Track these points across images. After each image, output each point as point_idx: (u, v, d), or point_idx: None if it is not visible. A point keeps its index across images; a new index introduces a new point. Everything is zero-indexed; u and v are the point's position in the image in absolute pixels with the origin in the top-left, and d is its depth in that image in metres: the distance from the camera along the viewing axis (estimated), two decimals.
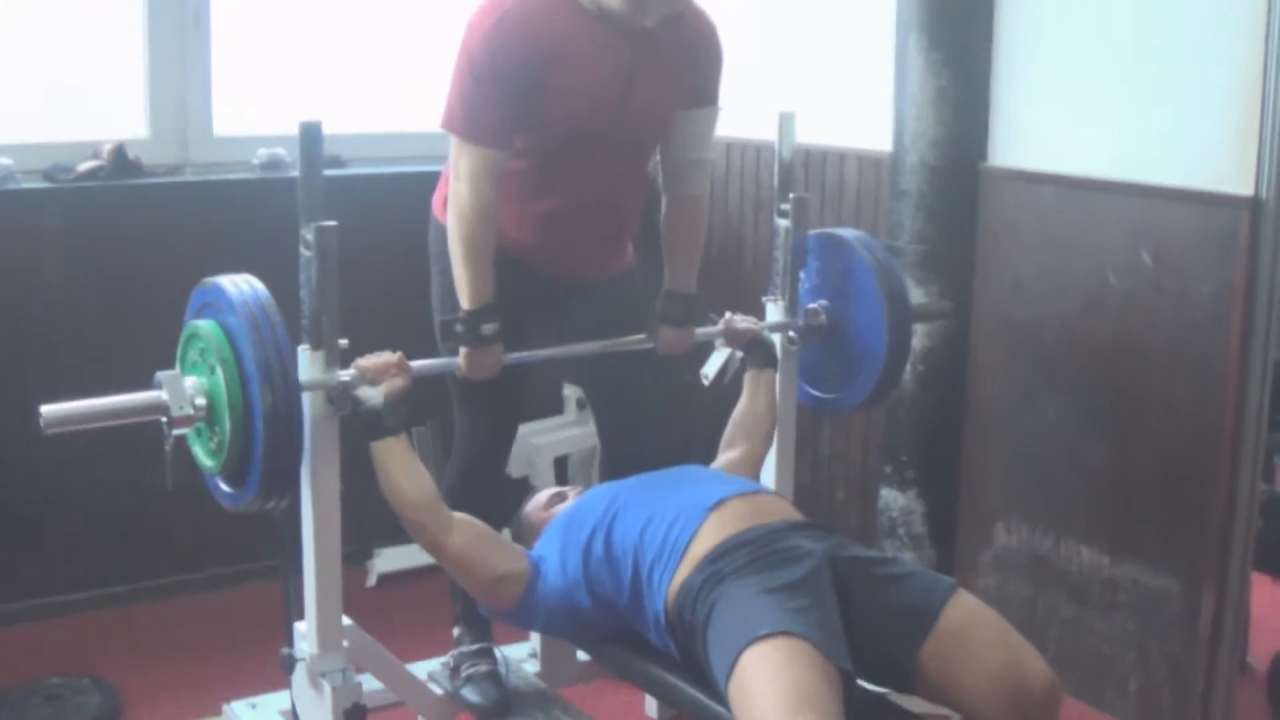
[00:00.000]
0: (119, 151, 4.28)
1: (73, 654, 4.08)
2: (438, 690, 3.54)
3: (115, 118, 4.48)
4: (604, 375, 3.65)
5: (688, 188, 3.52)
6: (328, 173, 2.98)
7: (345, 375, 2.96)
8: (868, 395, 3.57)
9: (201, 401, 2.78)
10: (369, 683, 3.25)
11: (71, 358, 4.24)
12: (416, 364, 3.09)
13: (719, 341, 3.59)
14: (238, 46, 4.59)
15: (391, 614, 4.19)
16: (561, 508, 3.30)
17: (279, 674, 3.22)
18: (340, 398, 2.94)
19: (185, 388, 2.78)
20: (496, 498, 3.57)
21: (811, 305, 3.61)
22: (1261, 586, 4.01)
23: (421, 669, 3.60)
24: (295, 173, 2.94)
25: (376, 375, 2.98)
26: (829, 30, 4.50)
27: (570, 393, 4.91)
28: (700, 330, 3.55)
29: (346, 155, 4.70)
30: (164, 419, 2.77)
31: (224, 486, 2.89)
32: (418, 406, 3.14)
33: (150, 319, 4.27)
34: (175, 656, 4.13)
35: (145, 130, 4.46)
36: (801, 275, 3.60)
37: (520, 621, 3.27)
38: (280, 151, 4.50)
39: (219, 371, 2.74)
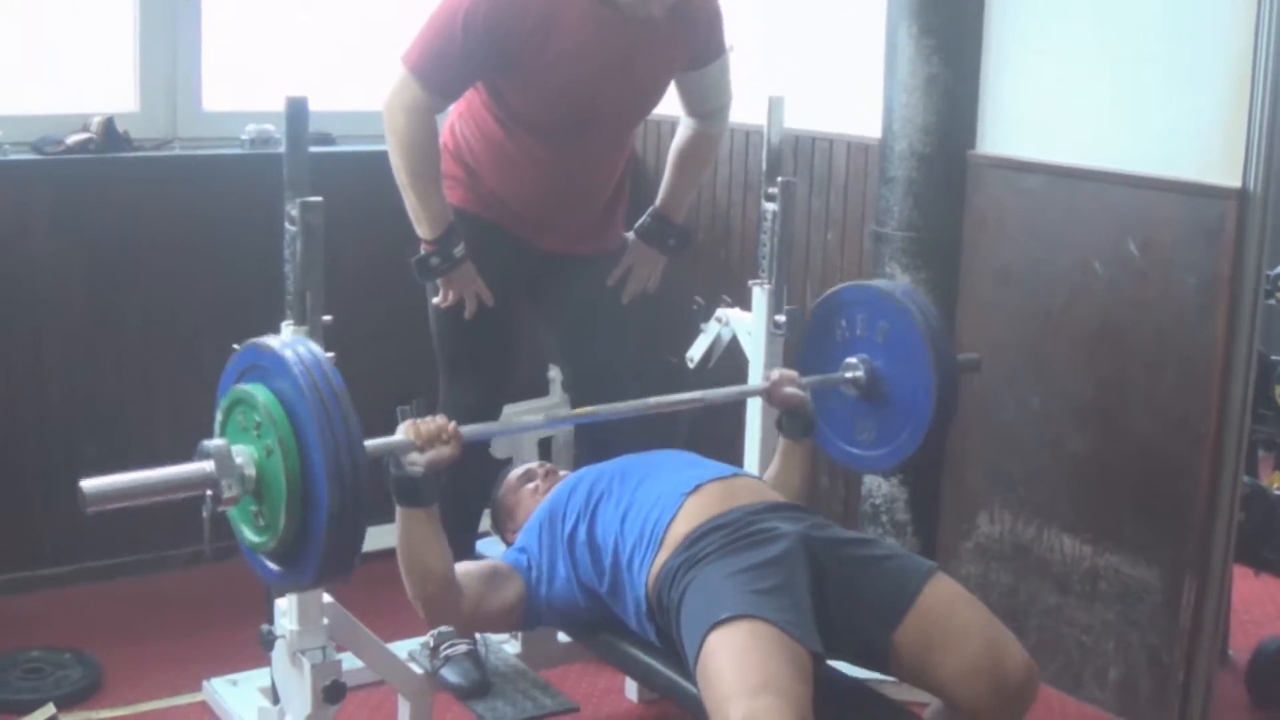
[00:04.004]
0: (108, 125, 4.26)
1: (54, 627, 4.07)
2: (418, 669, 3.54)
3: (104, 91, 4.46)
4: (582, 353, 3.66)
5: (707, 128, 3.67)
6: (316, 149, 2.98)
7: (395, 440, 2.78)
8: (914, 453, 3.39)
9: (251, 473, 2.46)
10: (349, 661, 3.25)
11: (57, 330, 4.24)
12: (467, 430, 2.89)
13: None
14: (229, 21, 4.58)
15: (373, 592, 4.15)
16: (533, 488, 3.32)
17: (260, 651, 3.21)
18: None
19: (236, 461, 2.45)
20: (479, 477, 3.58)
21: (849, 359, 3.45)
22: (1243, 579, 4.02)
23: (402, 648, 3.61)
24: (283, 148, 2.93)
25: (426, 442, 2.78)
26: (820, 16, 4.49)
27: (555, 375, 4.91)
28: (743, 389, 3.50)
29: (336, 132, 4.70)
30: (209, 493, 2.46)
31: (272, 565, 2.56)
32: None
33: (138, 291, 4.29)
34: (157, 631, 4.12)
35: (134, 104, 4.44)
36: (840, 326, 3.48)
37: (530, 628, 3.29)
38: (269, 127, 4.49)
39: (275, 448, 2.41)
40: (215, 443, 2.47)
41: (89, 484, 2.38)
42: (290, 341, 2.51)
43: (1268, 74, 3.32)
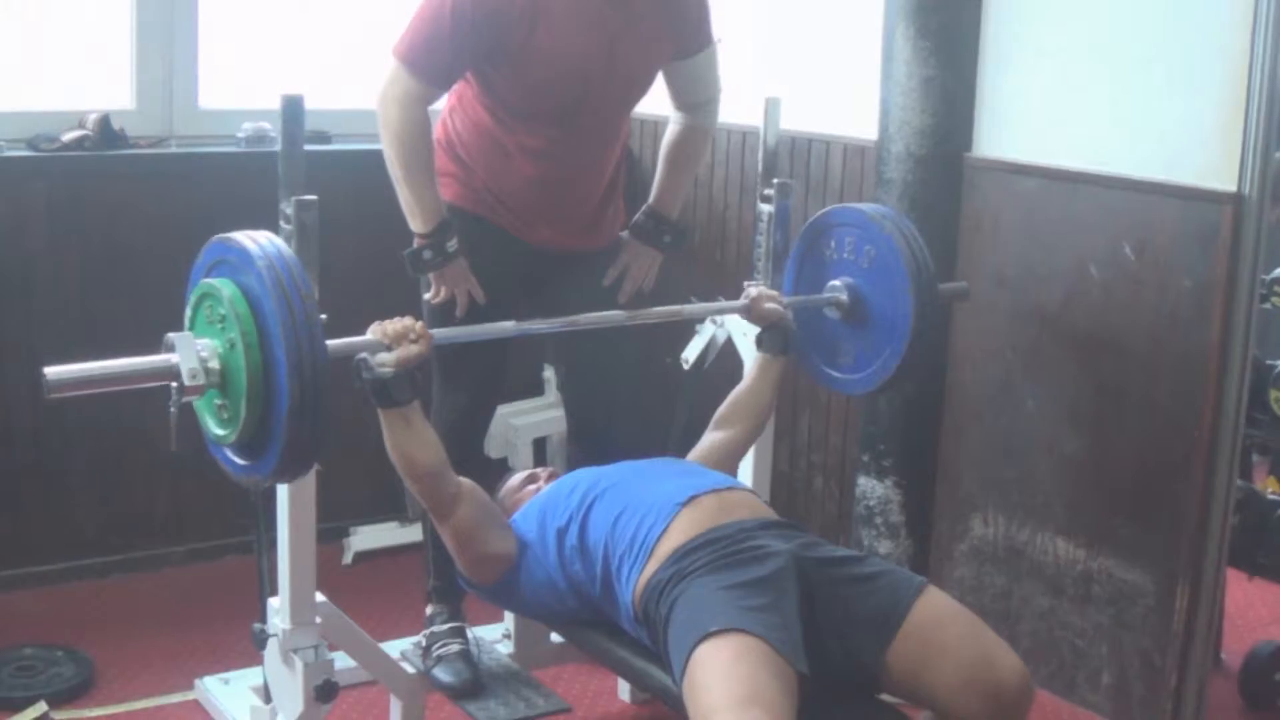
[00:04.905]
0: (104, 122, 4.26)
1: (47, 624, 4.07)
2: (410, 669, 3.54)
3: (101, 88, 4.46)
4: (576, 352, 3.66)
5: (697, 121, 3.65)
6: (312, 148, 2.98)
7: (361, 339, 2.81)
8: (892, 375, 3.41)
9: (215, 365, 2.50)
10: (341, 660, 3.25)
11: (53, 327, 4.23)
12: (437, 333, 2.95)
13: (742, 318, 3.52)
14: (225, 19, 4.57)
15: (366, 592, 4.19)
16: (534, 489, 3.31)
17: (253, 649, 3.21)
18: None
19: (199, 351, 2.50)
20: (473, 477, 3.57)
21: (832, 281, 3.48)
22: (1236, 583, 4.02)
23: (395, 648, 3.60)
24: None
25: (394, 340, 2.82)
26: (816, 17, 4.49)
27: (550, 374, 4.91)
28: (725, 304, 3.52)
29: (332, 131, 4.69)
30: (174, 384, 2.50)
31: (235, 458, 2.63)
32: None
33: (133, 289, 4.28)
34: (150, 629, 4.12)
35: (131, 101, 4.45)
36: (827, 250, 3.50)
37: (499, 600, 3.28)
38: (265, 125, 4.49)
39: (238, 341, 2.46)
40: (179, 334, 2.52)
41: (52, 370, 2.40)
42: (257, 235, 2.55)
43: (1264, 78, 3.32)
